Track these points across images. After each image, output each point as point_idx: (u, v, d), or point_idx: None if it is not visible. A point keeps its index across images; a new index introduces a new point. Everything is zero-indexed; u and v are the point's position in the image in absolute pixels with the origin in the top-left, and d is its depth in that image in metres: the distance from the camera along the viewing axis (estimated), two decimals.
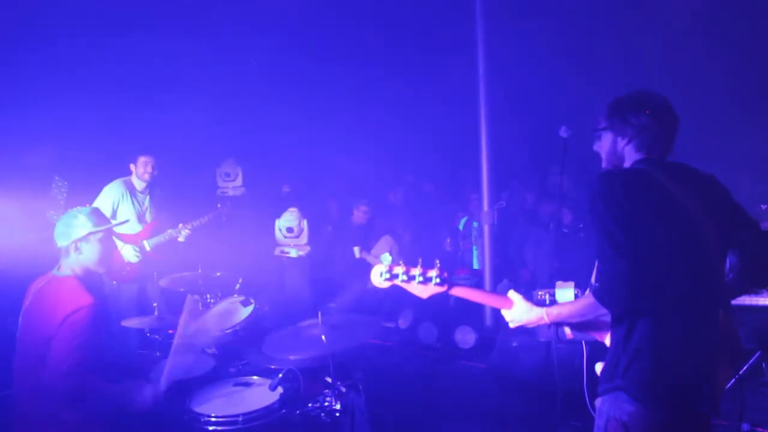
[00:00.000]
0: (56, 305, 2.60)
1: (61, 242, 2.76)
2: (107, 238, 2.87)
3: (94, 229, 2.77)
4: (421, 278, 2.14)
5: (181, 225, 5.34)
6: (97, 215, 2.87)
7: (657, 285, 1.87)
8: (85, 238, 2.75)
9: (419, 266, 2.17)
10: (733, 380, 2.08)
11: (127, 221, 5.05)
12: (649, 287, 1.86)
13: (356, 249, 7.18)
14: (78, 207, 2.90)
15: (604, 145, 2.20)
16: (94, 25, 6.16)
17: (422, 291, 2.18)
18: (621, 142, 2.13)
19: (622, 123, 2.12)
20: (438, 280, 2.14)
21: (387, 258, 2.03)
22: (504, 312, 2.22)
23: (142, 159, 5.30)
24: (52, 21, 5.93)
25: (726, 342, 1.98)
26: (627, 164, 2.13)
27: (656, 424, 1.90)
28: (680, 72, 7.29)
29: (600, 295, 1.91)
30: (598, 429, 2.01)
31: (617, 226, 1.86)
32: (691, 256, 1.93)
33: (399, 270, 2.16)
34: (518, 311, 2.17)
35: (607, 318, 2.07)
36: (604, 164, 2.20)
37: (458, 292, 2.20)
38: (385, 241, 7.05)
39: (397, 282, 2.17)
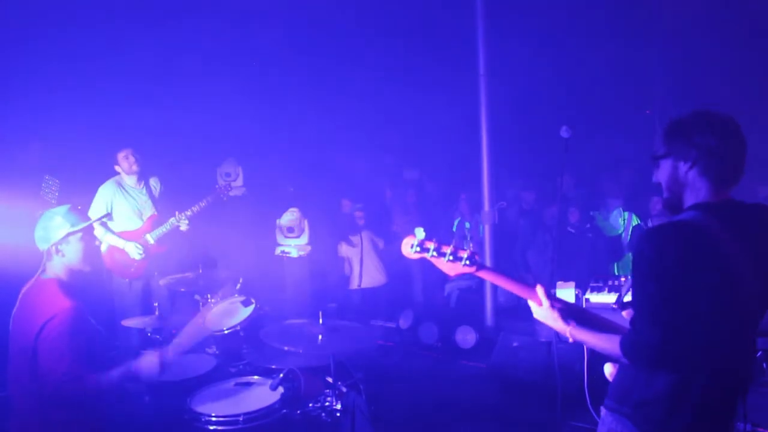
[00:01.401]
0: (36, 311, 2.58)
1: (42, 246, 2.69)
2: (89, 236, 2.80)
3: (72, 230, 2.69)
4: (451, 257, 2.14)
5: (177, 213, 5.29)
6: (75, 214, 2.76)
7: (689, 353, 1.82)
8: (64, 239, 2.68)
9: (452, 245, 2.17)
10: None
11: (107, 215, 5.05)
12: (679, 355, 1.82)
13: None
14: (53, 208, 2.79)
15: (663, 173, 1.98)
16: (90, 21, 6.12)
17: (451, 268, 2.17)
18: (683, 167, 1.90)
19: (685, 144, 1.88)
20: (468, 261, 2.13)
21: (421, 232, 2.05)
22: (531, 303, 2.18)
23: (121, 155, 5.29)
24: (45, 16, 5.87)
25: (742, 384, 1.96)
26: (688, 198, 1.93)
27: None
28: (681, 72, 7.30)
29: (626, 351, 1.86)
30: None
31: (660, 293, 1.78)
32: (733, 322, 1.86)
33: (431, 245, 2.16)
34: (544, 314, 2.13)
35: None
36: (665, 194, 2.01)
37: (486, 275, 2.19)
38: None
39: (427, 256, 2.17)
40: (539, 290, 2.13)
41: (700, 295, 1.79)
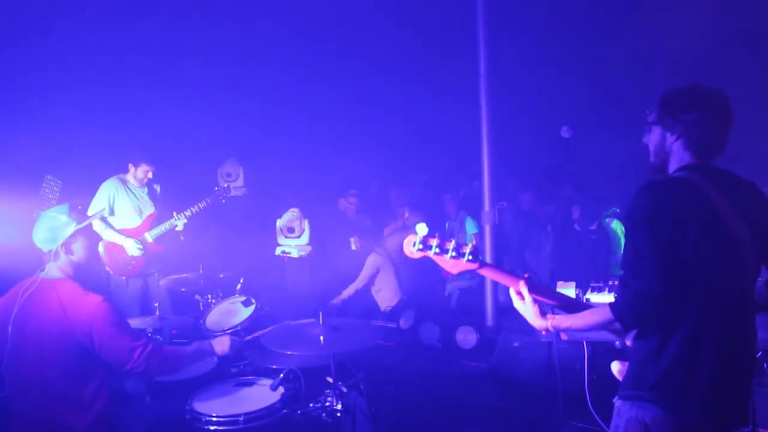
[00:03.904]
0: (67, 310, 2.57)
1: (48, 246, 2.69)
2: (92, 232, 2.86)
3: (80, 226, 2.73)
4: (454, 253, 2.13)
5: (175, 213, 5.37)
6: (76, 210, 2.81)
7: (685, 306, 1.87)
8: (73, 236, 2.71)
9: (453, 241, 2.16)
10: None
11: (103, 210, 5.10)
12: (674, 309, 1.87)
13: (353, 240, 7.12)
14: (51, 208, 2.80)
15: (652, 138, 2.13)
16: (91, 19, 6.11)
17: (453, 266, 2.17)
18: (669, 139, 2.06)
19: (672, 119, 2.04)
20: (470, 257, 2.13)
21: (423, 228, 2.04)
22: (512, 294, 2.20)
23: (144, 167, 5.38)
24: (46, 15, 5.86)
25: (750, 353, 1.99)
26: (673, 164, 2.07)
27: (679, 430, 1.90)
28: (683, 72, 7.28)
29: (619, 310, 1.89)
30: (617, 428, 2.00)
31: (656, 248, 1.84)
32: (728, 275, 1.91)
33: (433, 242, 2.15)
34: (524, 308, 2.16)
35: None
36: (651, 158, 2.14)
37: (487, 272, 2.20)
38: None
39: (429, 254, 2.16)
40: (521, 285, 2.15)
41: (695, 248, 1.85)
